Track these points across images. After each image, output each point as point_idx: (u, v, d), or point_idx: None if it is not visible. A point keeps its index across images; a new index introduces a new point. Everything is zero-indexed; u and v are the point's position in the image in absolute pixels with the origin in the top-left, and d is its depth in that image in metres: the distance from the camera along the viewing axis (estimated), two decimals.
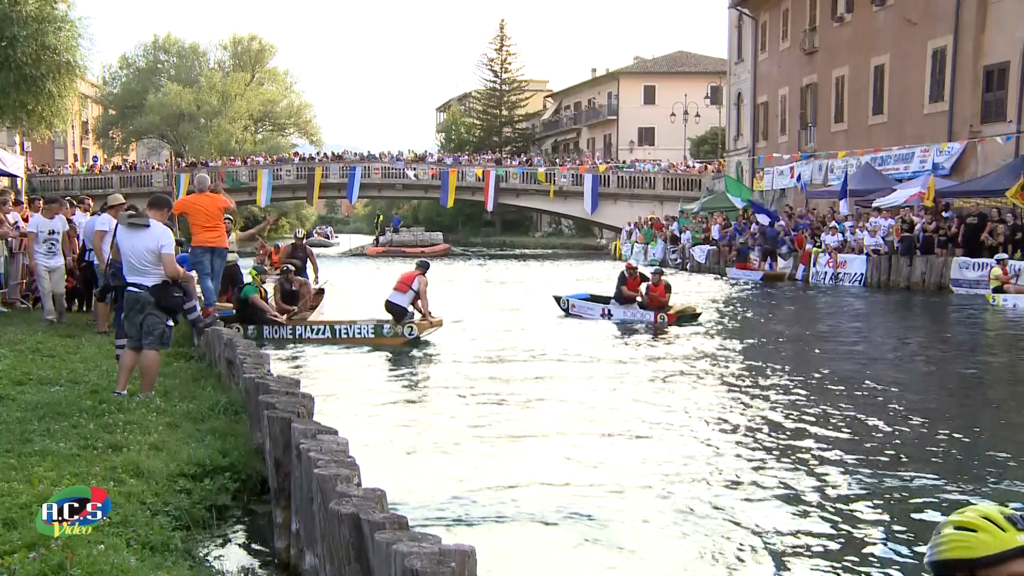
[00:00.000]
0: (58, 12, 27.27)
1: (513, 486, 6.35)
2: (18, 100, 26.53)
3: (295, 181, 50.66)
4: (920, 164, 25.70)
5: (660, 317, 15.38)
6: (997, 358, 12.92)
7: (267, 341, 12.95)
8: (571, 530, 5.49)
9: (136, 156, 76.03)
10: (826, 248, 24.59)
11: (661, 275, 16.31)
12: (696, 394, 9.64)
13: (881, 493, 6.15)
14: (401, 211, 69.68)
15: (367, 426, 7.89)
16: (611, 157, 57.65)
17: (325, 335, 13.25)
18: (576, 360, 11.98)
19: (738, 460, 6.99)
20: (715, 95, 54.71)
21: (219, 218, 11.21)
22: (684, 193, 45.01)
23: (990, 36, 23.99)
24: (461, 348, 13.08)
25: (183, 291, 7.33)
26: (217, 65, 77.97)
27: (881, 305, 19.74)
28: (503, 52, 69.29)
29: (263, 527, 5.20)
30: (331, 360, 12.32)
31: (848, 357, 12.39)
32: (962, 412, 9.06)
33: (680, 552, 5.16)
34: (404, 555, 2.76)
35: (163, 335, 7.10)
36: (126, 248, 7.03)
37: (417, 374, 11.43)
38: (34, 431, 5.86)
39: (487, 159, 53.54)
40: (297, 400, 5.21)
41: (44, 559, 3.79)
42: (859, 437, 7.65)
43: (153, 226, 6.99)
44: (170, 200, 7.76)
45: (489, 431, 7.94)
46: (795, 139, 34.47)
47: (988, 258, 19.71)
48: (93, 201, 14.83)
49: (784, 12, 35.41)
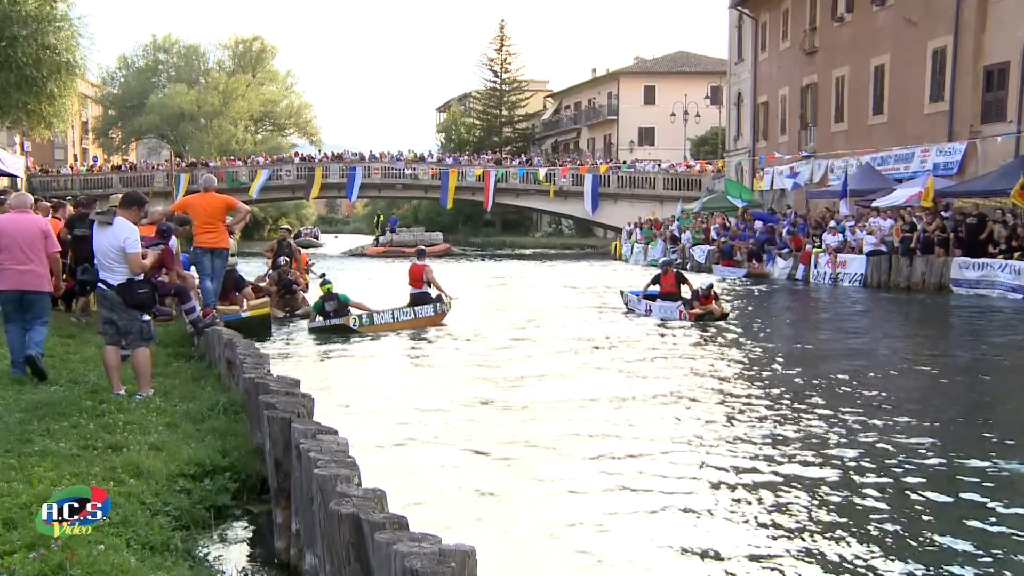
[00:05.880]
0: (58, 12, 27.25)
1: (513, 486, 6.35)
2: (18, 100, 26.50)
3: (295, 181, 50.71)
4: (920, 164, 25.70)
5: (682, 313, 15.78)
6: (999, 356, 12.91)
7: (350, 334, 14.03)
8: (571, 530, 5.48)
9: (136, 156, 76.08)
10: (826, 248, 24.61)
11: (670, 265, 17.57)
12: (699, 396, 9.63)
13: (882, 490, 6.15)
14: (401, 211, 69.67)
15: (367, 426, 7.88)
16: (611, 157, 57.65)
17: (388, 321, 14.64)
18: (578, 360, 11.98)
19: (738, 460, 6.98)
20: (715, 95, 54.74)
21: (219, 219, 11.16)
22: (684, 193, 45.01)
23: (990, 36, 23.98)
24: (461, 348, 13.08)
25: (151, 286, 7.37)
26: (217, 65, 78.01)
27: (881, 305, 19.73)
28: (503, 52, 69.35)
29: (263, 527, 5.20)
30: (331, 360, 12.33)
31: (848, 356, 12.38)
32: (967, 411, 9.06)
33: (680, 552, 5.16)
34: (404, 555, 2.76)
35: (142, 331, 7.17)
36: (95, 245, 7.16)
37: (417, 374, 11.42)
38: (34, 431, 5.85)
39: (487, 159, 53.56)
40: (297, 400, 5.20)
41: (44, 559, 3.79)
42: (860, 436, 7.65)
43: (117, 224, 7.03)
44: (143, 198, 7.72)
45: (490, 431, 7.94)
46: (795, 139, 34.47)
47: (988, 258, 19.72)
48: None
49: (784, 12, 35.42)
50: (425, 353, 13.01)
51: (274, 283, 16.33)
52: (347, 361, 12.31)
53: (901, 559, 5.02)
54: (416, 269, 15.68)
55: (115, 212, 7.19)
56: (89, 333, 10.52)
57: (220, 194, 11.64)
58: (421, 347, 13.47)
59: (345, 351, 12.89)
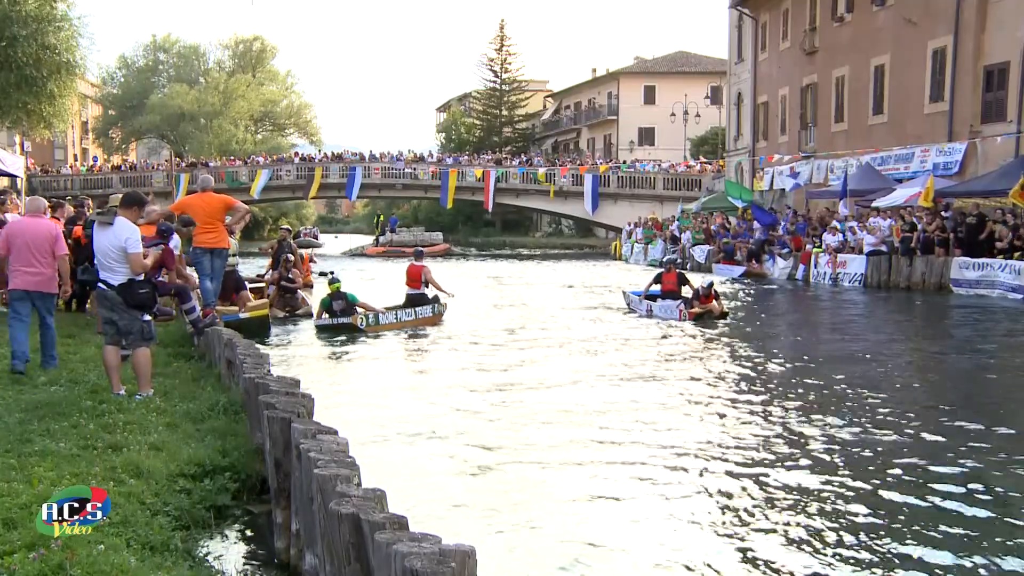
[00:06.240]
0: (58, 12, 27.24)
1: (514, 486, 6.35)
2: (18, 100, 26.49)
3: (295, 181, 50.72)
4: (920, 164, 25.69)
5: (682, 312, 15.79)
6: (1001, 356, 12.90)
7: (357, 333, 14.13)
8: (571, 530, 5.49)
9: (136, 156, 76.07)
10: (826, 248, 24.61)
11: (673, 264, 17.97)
12: (697, 394, 9.63)
13: (881, 489, 6.15)
14: (401, 211, 69.67)
15: (367, 426, 7.88)
16: (611, 157, 57.64)
17: (392, 321, 14.84)
18: (579, 359, 11.98)
19: (738, 460, 6.99)
20: (715, 95, 54.73)
21: (218, 219, 11.17)
22: (684, 193, 45.01)
23: (990, 36, 23.98)
24: (461, 348, 13.08)
25: (152, 286, 7.37)
26: (217, 65, 78.03)
27: (881, 305, 19.73)
28: (503, 52, 69.38)
29: (263, 527, 5.20)
30: (331, 360, 12.34)
31: (847, 356, 12.39)
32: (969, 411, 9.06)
33: (680, 552, 5.16)
34: (404, 555, 2.76)
35: (143, 331, 7.18)
36: (95, 245, 7.16)
37: (418, 374, 11.43)
38: (34, 431, 5.86)
39: (487, 159, 53.54)
40: (297, 400, 5.20)
41: (44, 559, 3.79)
42: (860, 436, 7.66)
43: (117, 224, 7.04)
44: (143, 198, 7.77)
45: (490, 431, 7.94)
46: (795, 139, 34.47)
47: (989, 258, 19.71)
48: (93, 201, 14.85)
49: (784, 12, 35.41)
50: (425, 353, 13.02)
51: (275, 281, 16.58)
52: (347, 361, 12.31)
53: (901, 558, 5.03)
54: (415, 270, 15.80)
55: (115, 212, 7.20)
56: (89, 333, 10.52)
57: (218, 194, 11.66)
58: (421, 347, 13.48)
59: (345, 351, 12.90)
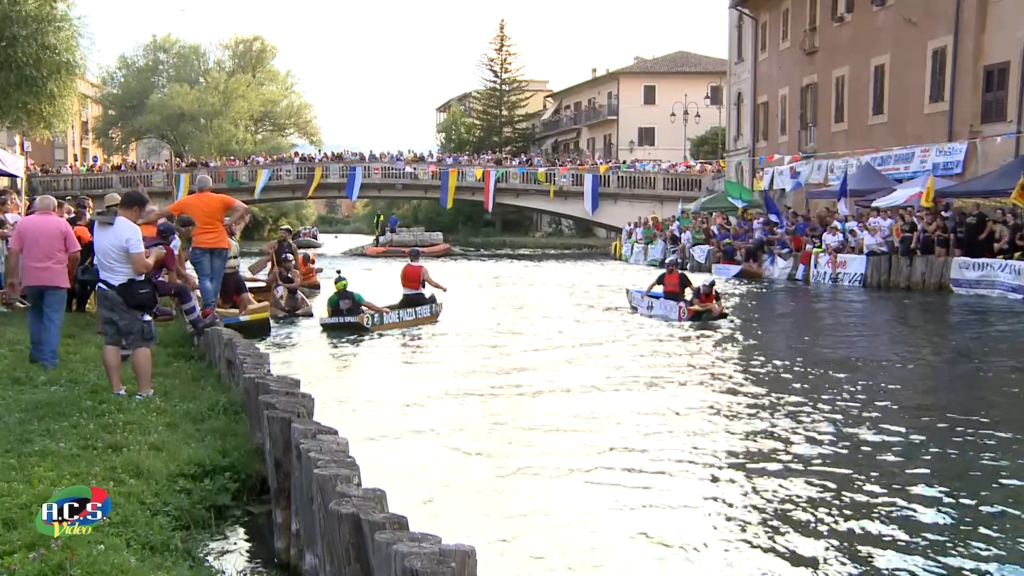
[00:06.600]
0: (58, 12, 27.23)
1: (514, 486, 6.36)
2: (18, 100, 26.47)
3: (295, 181, 50.74)
4: (920, 164, 25.68)
5: (682, 311, 15.81)
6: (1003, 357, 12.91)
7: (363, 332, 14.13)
8: (572, 530, 5.49)
9: (136, 156, 76.07)
10: (826, 248, 24.60)
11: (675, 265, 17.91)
12: (697, 395, 9.63)
13: (879, 489, 6.15)
14: (401, 211, 69.67)
15: (367, 426, 7.88)
16: (611, 157, 57.64)
17: (395, 320, 14.95)
18: (579, 361, 11.97)
19: (739, 461, 6.99)
20: (715, 95, 54.75)
21: (217, 219, 11.16)
22: (684, 193, 45.01)
23: (990, 36, 23.98)
24: (461, 348, 13.07)
25: (152, 286, 7.37)
26: (217, 65, 78.04)
27: (881, 305, 19.73)
28: (503, 52, 69.39)
29: (263, 527, 5.20)
30: (331, 360, 12.34)
31: (847, 357, 12.39)
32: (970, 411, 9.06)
33: (681, 553, 5.16)
34: (404, 555, 2.76)
35: (143, 331, 7.18)
36: (96, 245, 7.17)
37: (418, 374, 11.42)
38: (34, 431, 5.85)
39: (487, 159, 53.54)
40: (297, 400, 5.20)
41: (44, 559, 3.79)
42: (859, 436, 7.66)
43: (118, 224, 7.04)
44: (144, 198, 7.78)
45: (490, 431, 7.94)
46: (795, 139, 34.47)
47: (989, 258, 19.70)
48: (93, 201, 14.85)
49: (784, 12, 35.42)
50: (426, 353, 13.01)
51: (275, 280, 16.72)
52: (347, 360, 12.31)
53: (899, 558, 5.03)
54: (412, 270, 15.85)
55: (116, 212, 7.20)
56: (89, 333, 10.52)
57: (217, 194, 11.65)
58: (421, 347, 13.48)
59: (345, 350, 12.90)
